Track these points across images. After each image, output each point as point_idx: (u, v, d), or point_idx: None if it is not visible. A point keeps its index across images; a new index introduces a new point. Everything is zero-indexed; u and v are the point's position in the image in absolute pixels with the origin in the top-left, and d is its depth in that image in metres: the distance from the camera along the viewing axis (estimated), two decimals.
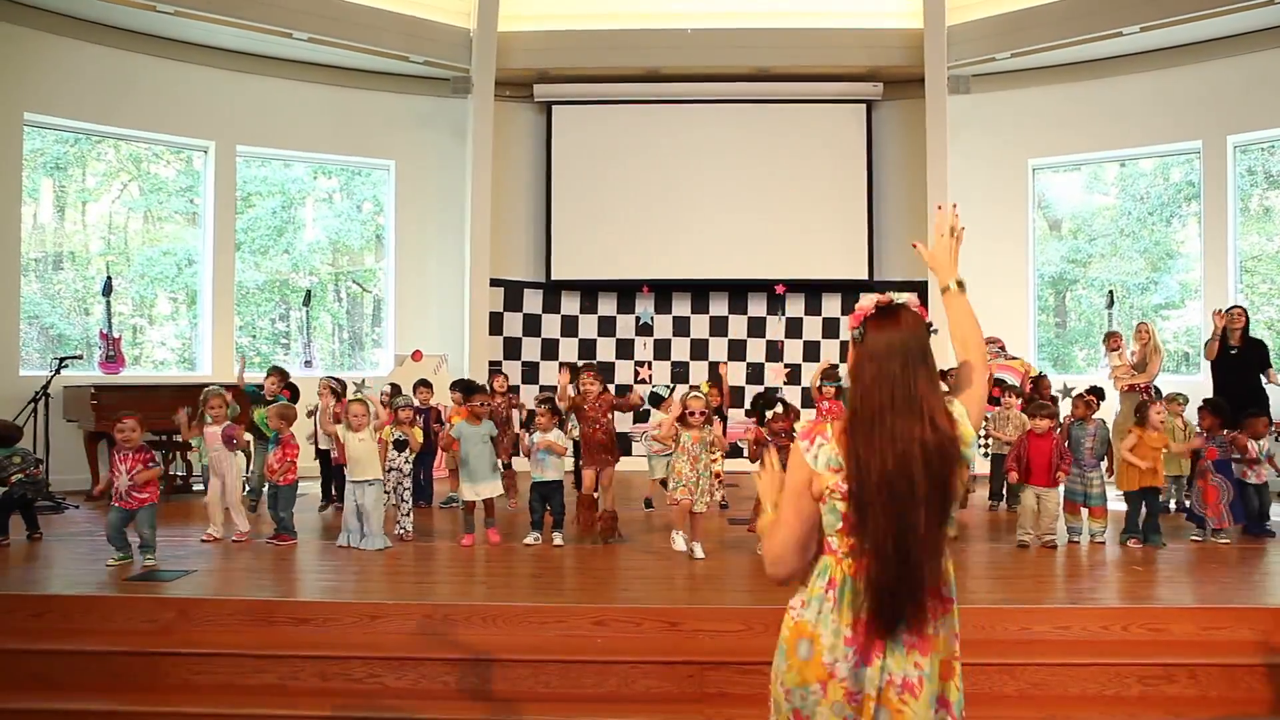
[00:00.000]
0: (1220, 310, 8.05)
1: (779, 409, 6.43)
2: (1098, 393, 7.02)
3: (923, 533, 1.96)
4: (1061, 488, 6.25)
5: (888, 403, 2.00)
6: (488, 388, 7.71)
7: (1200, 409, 6.74)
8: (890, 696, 1.98)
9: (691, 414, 6.03)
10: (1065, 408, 7.01)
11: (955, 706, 2.08)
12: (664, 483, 7.19)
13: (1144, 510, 6.23)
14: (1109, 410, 7.72)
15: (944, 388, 2.15)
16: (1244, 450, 6.45)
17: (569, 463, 7.13)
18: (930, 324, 2.10)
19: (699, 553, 5.88)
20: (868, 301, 2.13)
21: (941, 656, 2.04)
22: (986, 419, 6.65)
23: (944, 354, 8.45)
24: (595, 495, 6.51)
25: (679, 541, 6.01)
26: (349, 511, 6.14)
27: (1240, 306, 8.11)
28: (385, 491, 6.38)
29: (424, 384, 8.15)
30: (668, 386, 9.11)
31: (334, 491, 7.63)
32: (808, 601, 2.06)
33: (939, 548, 2.01)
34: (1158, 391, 8.07)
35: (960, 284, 2.30)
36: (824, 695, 2.00)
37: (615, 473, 6.59)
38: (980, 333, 2.29)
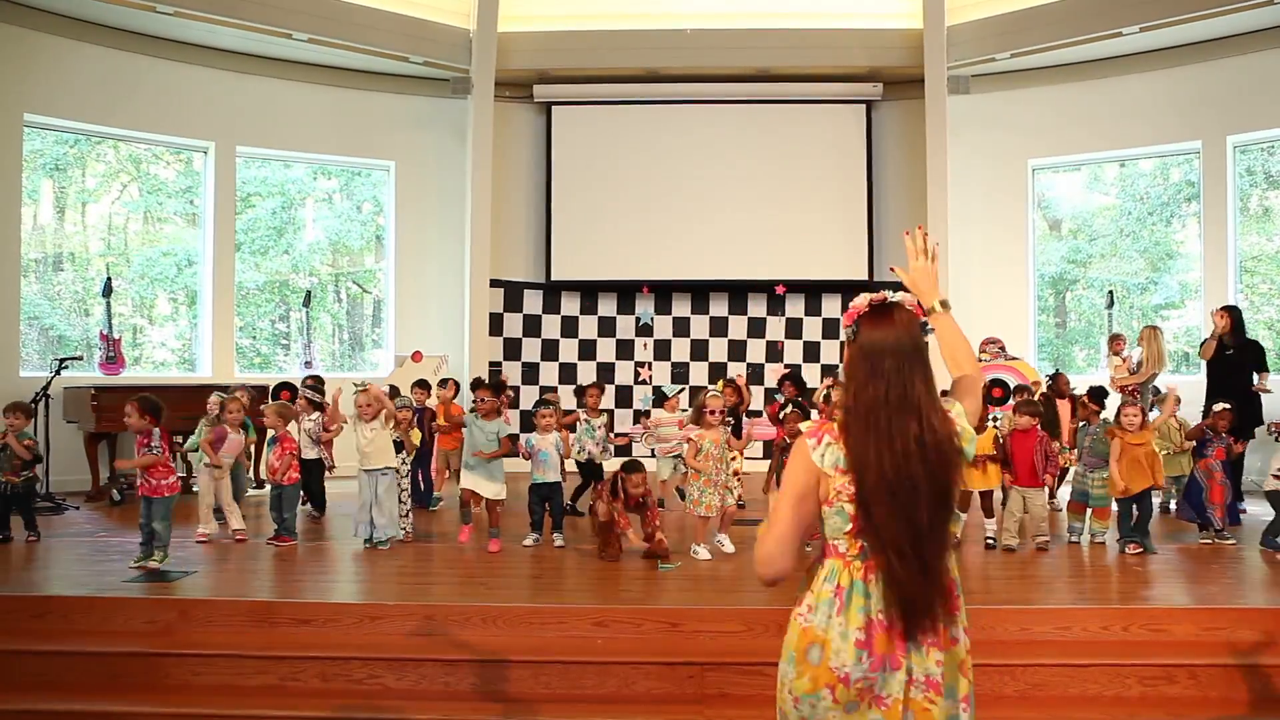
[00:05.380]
0: (1217, 309, 8.04)
1: (790, 409, 6.37)
2: (1095, 394, 6.97)
3: (928, 531, 1.95)
4: (1069, 487, 6.23)
5: (882, 401, 1.99)
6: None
7: (1219, 412, 6.51)
8: (915, 695, 1.97)
9: (711, 413, 5.92)
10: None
11: (970, 703, 2.09)
12: (680, 491, 7.11)
13: (1135, 513, 6.14)
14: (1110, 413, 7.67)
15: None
16: None
17: (570, 464, 7.10)
18: (925, 323, 2.10)
19: (729, 546, 5.94)
20: (862, 300, 2.13)
21: (959, 655, 2.04)
22: (996, 418, 6.64)
23: (933, 365, 8.53)
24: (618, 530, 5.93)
25: (702, 553, 5.83)
26: (361, 504, 6.11)
27: (1228, 306, 8.09)
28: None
29: (421, 384, 8.13)
30: (672, 386, 9.02)
31: (312, 499, 7.58)
32: (815, 606, 2.03)
33: (945, 545, 2.01)
34: (1156, 392, 8.06)
35: (944, 304, 2.31)
36: (834, 700, 1.97)
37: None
38: (970, 349, 2.30)
